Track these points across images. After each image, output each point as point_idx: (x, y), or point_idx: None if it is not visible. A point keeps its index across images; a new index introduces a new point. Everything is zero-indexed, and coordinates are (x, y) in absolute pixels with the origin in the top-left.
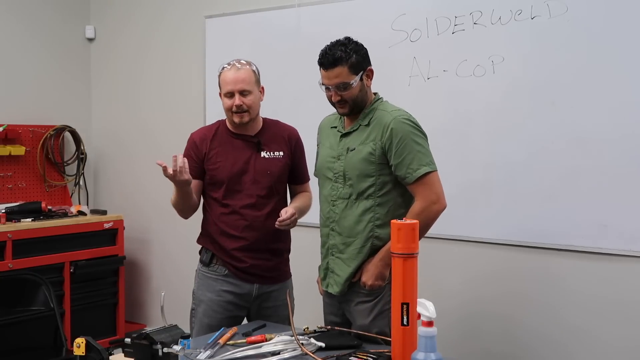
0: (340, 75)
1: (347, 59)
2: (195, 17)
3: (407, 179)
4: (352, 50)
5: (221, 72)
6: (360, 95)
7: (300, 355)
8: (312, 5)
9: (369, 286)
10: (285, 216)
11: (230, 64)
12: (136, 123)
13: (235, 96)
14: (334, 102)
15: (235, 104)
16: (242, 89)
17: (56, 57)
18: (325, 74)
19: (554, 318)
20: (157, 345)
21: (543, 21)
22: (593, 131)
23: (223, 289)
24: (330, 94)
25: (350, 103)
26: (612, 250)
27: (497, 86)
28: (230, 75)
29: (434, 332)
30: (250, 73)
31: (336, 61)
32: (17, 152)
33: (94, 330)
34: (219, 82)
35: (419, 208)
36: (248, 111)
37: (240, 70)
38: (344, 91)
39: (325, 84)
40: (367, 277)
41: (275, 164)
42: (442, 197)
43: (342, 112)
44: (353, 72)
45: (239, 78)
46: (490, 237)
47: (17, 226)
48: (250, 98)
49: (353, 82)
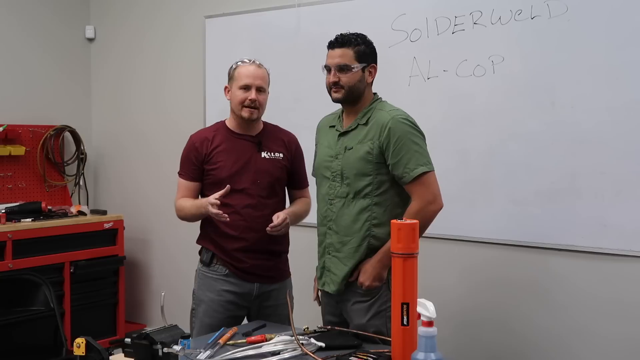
0: (344, 56)
1: (356, 44)
2: (195, 17)
3: (403, 178)
4: (362, 41)
5: (238, 65)
6: (357, 85)
7: (300, 355)
8: (312, 5)
9: (366, 287)
10: (277, 222)
11: (250, 60)
12: (136, 123)
13: (252, 90)
14: (331, 83)
15: (251, 98)
16: (260, 85)
17: (56, 57)
18: (331, 53)
19: (554, 318)
20: (157, 345)
21: (543, 21)
22: (593, 131)
23: (224, 289)
24: (329, 77)
25: (346, 88)
26: (612, 250)
27: (497, 86)
28: (251, 69)
29: (434, 332)
30: (266, 74)
31: (345, 43)
32: (17, 152)
33: (94, 330)
34: (233, 75)
35: (416, 208)
36: (259, 109)
37: (261, 68)
38: (344, 73)
39: (328, 64)
40: (365, 278)
41: (275, 164)
42: (439, 197)
43: (336, 97)
44: (357, 59)
45: (258, 74)
46: (490, 237)
47: (17, 226)
48: (264, 96)
49: (355, 67)
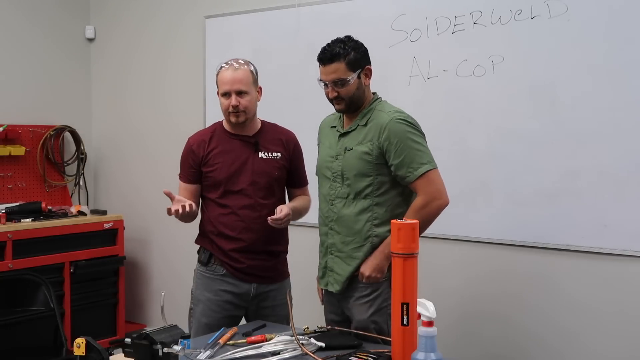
0: (337, 71)
1: (345, 55)
2: (194, 17)
3: (407, 178)
4: (351, 47)
5: (219, 71)
6: (357, 93)
7: (300, 355)
8: (312, 5)
9: (366, 277)
10: (280, 215)
11: (228, 64)
12: (136, 123)
13: (232, 96)
14: (331, 98)
15: (232, 104)
16: (239, 89)
17: (56, 57)
18: (323, 70)
19: (554, 318)
20: (157, 345)
21: (543, 21)
22: (593, 131)
23: (221, 289)
24: (327, 91)
25: (347, 100)
26: (612, 250)
27: (497, 86)
28: (228, 75)
29: (434, 332)
30: (247, 73)
31: (334, 57)
32: (17, 152)
33: (94, 330)
34: (217, 82)
35: (421, 203)
36: (244, 112)
37: (238, 71)
38: (341, 87)
39: (323, 80)
40: (365, 268)
41: (273, 164)
42: (445, 193)
43: (339, 109)
44: (350, 69)
45: (236, 78)
46: (490, 237)
47: (17, 226)
48: (247, 99)
49: (350, 78)
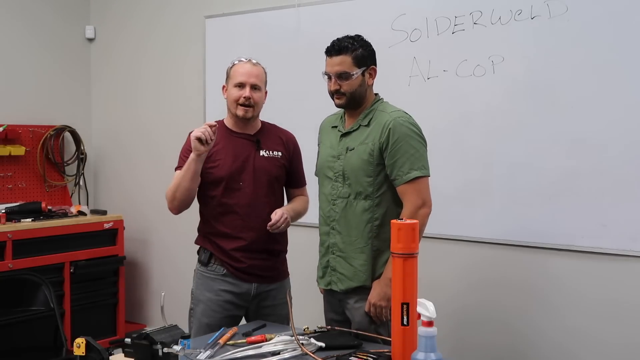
0: (342, 64)
1: (353, 50)
2: (195, 17)
3: (396, 180)
4: (360, 44)
5: (234, 64)
6: (359, 90)
7: (300, 355)
8: (312, 5)
9: (372, 304)
10: (276, 218)
11: (246, 59)
12: (136, 123)
13: (246, 88)
14: (332, 91)
15: (245, 95)
16: (255, 83)
17: (56, 57)
18: (329, 61)
19: (554, 318)
20: (157, 345)
21: (543, 21)
22: (593, 131)
23: (221, 289)
24: (330, 84)
25: (348, 95)
26: (612, 250)
27: (497, 86)
28: (246, 67)
29: (434, 332)
30: (262, 72)
31: (342, 49)
32: (17, 152)
33: (94, 330)
34: (229, 73)
35: (406, 214)
36: (254, 106)
37: (256, 66)
38: (344, 80)
39: (327, 72)
40: (371, 296)
41: (274, 163)
42: (429, 202)
43: (338, 104)
44: (356, 64)
45: (253, 72)
46: (489, 237)
47: (17, 226)
48: (259, 94)
49: (354, 73)
